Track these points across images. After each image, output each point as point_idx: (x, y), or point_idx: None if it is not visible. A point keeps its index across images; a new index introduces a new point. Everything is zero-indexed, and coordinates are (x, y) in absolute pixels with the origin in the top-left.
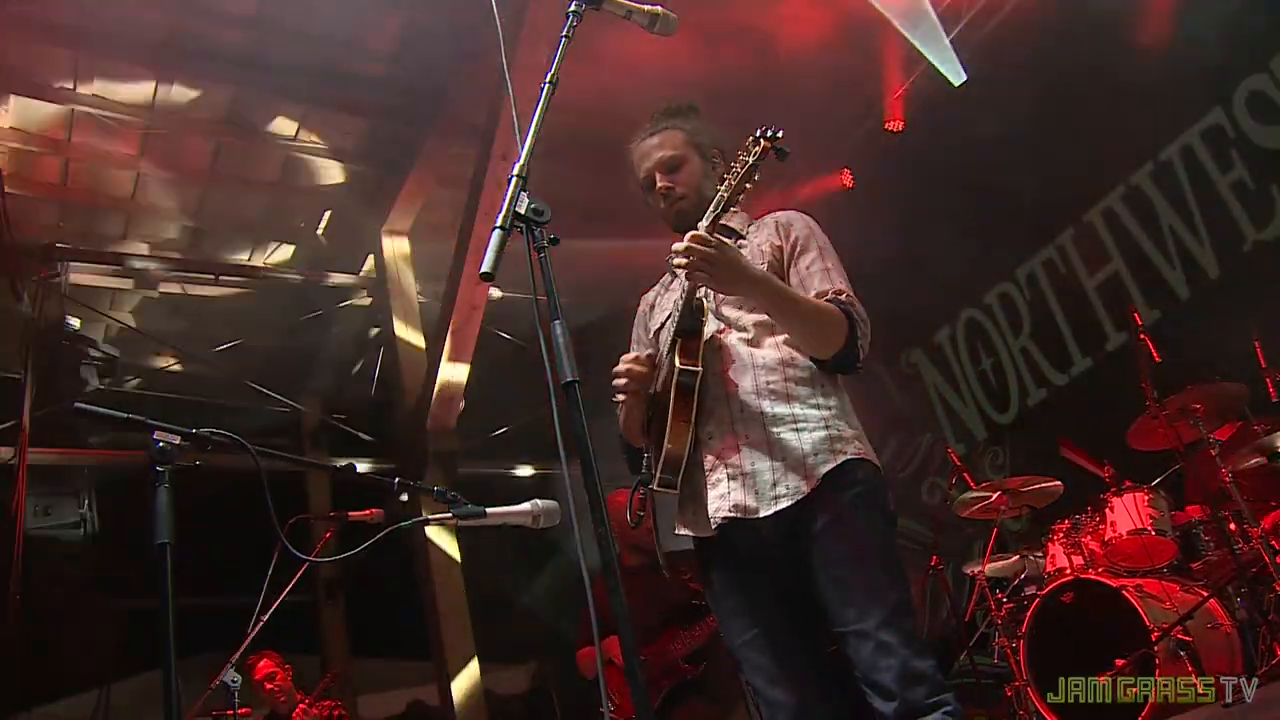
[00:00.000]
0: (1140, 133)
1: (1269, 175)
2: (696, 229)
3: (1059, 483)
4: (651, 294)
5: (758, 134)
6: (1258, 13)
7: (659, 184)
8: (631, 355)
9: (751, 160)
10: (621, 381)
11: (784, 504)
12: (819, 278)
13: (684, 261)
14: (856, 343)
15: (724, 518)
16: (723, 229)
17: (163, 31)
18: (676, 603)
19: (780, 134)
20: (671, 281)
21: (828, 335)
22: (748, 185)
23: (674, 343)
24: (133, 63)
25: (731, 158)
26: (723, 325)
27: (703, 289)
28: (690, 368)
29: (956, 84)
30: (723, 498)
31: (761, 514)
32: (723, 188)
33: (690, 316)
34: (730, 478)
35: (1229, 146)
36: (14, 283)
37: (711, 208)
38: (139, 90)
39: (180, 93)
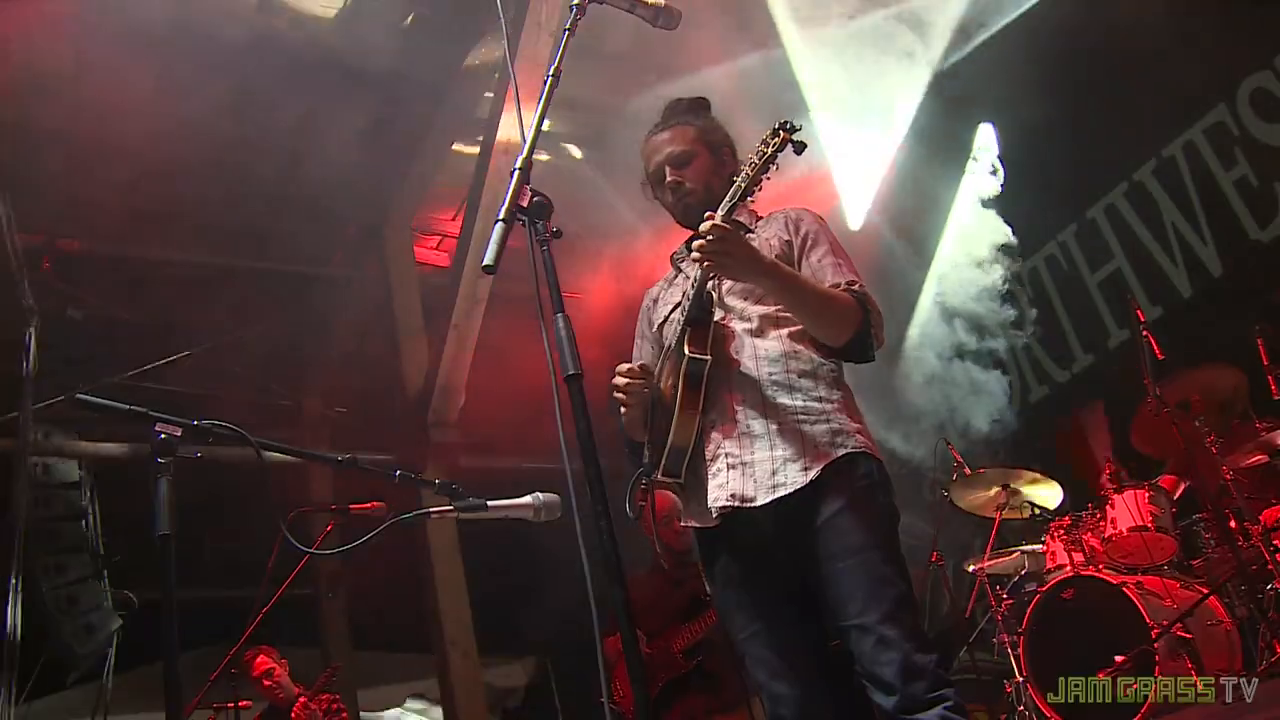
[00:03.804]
0: (1143, 129)
1: (1272, 172)
2: (713, 215)
3: (1060, 489)
4: (655, 289)
5: (776, 126)
6: (1262, 8)
7: (669, 178)
8: (626, 366)
9: (770, 151)
10: (621, 396)
11: (783, 493)
12: (831, 271)
13: (702, 248)
14: (870, 331)
15: (722, 507)
16: (732, 223)
17: None
18: (683, 598)
19: (800, 126)
20: (675, 276)
21: (841, 322)
22: (765, 175)
23: (683, 331)
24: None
25: (741, 156)
26: (727, 315)
27: (712, 279)
28: (699, 356)
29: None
30: (721, 487)
31: (759, 503)
32: (739, 178)
33: (699, 306)
34: (730, 466)
35: (1232, 143)
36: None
37: (729, 196)
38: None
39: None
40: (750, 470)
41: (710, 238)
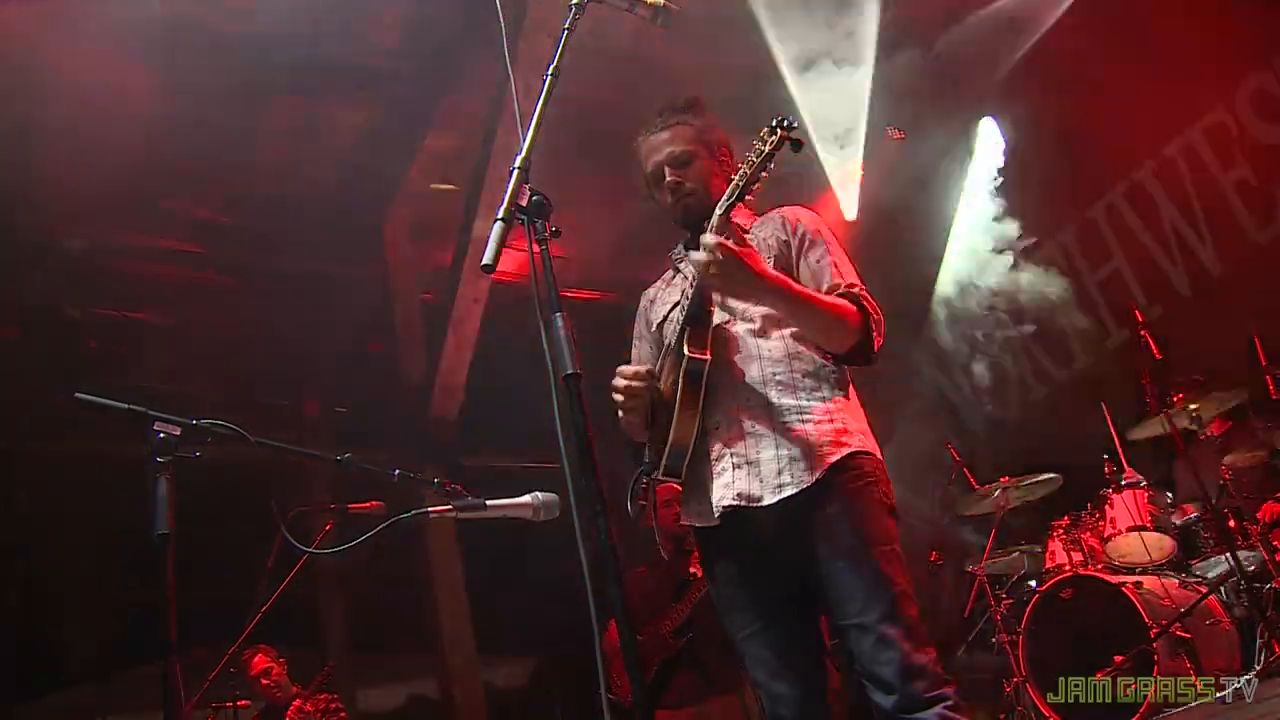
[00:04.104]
0: (1143, 129)
1: (1272, 172)
2: (711, 221)
3: (1059, 476)
4: (652, 290)
5: (774, 123)
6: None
7: (668, 178)
8: (631, 370)
9: (767, 149)
10: (620, 398)
11: (788, 492)
12: (829, 272)
13: (705, 267)
14: (871, 335)
15: (727, 506)
16: (735, 242)
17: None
18: (671, 581)
19: (796, 124)
20: (673, 276)
21: (843, 331)
22: (763, 174)
23: (682, 331)
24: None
25: (739, 156)
26: (729, 316)
27: None
28: (699, 356)
29: None
30: (727, 486)
31: (765, 502)
32: (737, 176)
33: (698, 305)
34: (735, 466)
35: (1232, 143)
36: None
37: (726, 195)
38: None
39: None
40: (757, 470)
41: (713, 258)
